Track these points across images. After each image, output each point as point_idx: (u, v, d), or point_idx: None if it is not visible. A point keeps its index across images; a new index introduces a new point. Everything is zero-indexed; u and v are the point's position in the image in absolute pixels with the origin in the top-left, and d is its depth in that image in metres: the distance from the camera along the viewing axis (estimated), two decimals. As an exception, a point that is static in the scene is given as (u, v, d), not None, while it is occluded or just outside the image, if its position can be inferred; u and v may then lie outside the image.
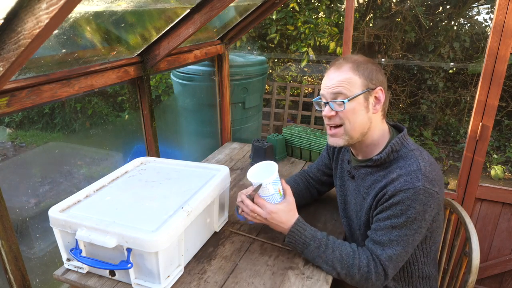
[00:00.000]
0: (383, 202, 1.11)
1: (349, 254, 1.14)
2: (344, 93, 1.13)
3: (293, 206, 1.23)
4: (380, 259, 1.10)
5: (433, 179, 1.08)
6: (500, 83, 1.80)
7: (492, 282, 2.20)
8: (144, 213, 1.14)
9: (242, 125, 2.90)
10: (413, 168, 1.08)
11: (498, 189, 2.00)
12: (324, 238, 1.18)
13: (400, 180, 1.08)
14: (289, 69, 5.25)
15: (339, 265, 1.13)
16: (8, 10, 0.80)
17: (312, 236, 1.18)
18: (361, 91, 1.13)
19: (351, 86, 1.13)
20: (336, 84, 1.14)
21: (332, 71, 1.17)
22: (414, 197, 1.05)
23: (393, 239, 1.09)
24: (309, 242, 1.17)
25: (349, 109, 1.13)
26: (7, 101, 1.15)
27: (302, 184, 1.56)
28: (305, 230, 1.19)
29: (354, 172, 1.27)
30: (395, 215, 1.08)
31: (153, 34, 1.66)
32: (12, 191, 1.44)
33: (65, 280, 1.16)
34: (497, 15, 1.73)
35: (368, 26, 4.70)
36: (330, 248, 1.16)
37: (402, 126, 1.23)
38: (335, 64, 1.18)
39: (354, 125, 1.15)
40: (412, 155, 1.12)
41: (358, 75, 1.13)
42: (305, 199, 1.56)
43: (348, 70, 1.14)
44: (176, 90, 2.92)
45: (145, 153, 1.89)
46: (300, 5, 4.17)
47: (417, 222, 1.07)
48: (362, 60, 1.17)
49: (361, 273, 1.11)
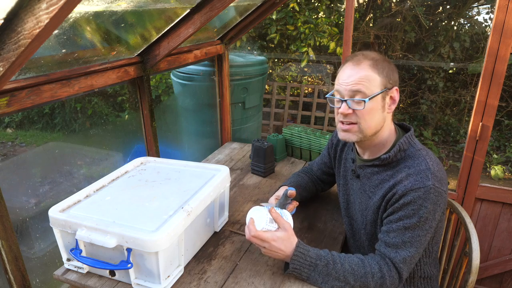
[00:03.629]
0: (393, 202, 1.09)
1: (358, 264, 1.09)
2: (364, 92, 1.08)
3: (291, 231, 1.13)
4: (394, 262, 1.08)
5: (441, 178, 1.07)
6: (500, 83, 1.80)
7: (492, 282, 2.20)
8: (144, 213, 1.14)
9: (242, 125, 2.90)
10: (422, 168, 1.07)
11: (498, 189, 2.00)
12: (329, 255, 1.11)
13: (409, 179, 1.07)
14: (289, 69, 5.25)
15: (352, 277, 1.07)
16: (8, 10, 0.80)
17: (317, 255, 1.11)
18: (380, 91, 1.09)
19: (371, 84, 1.08)
20: (356, 81, 1.09)
21: (350, 66, 1.11)
22: (425, 196, 1.04)
23: (407, 241, 1.07)
24: (316, 263, 1.09)
25: (368, 108, 1.09)
26: (7, 101, 1.14)
27: (306, 177, 1.54)
28: (308, 251, 1.11)
29: (360, 171, 1.25)
30: (407, 216, 1.06)
31: (153, 34, 1.66)
32: (12, 191, 1.43)
33: (65, 280, 1.16)
34: (497, 15, 1.73)
35: (368, 26, 4.70)
36: (338, 263, 1.09)
37: (409, 126, 1.21)
38: (353, 60, 1.12)
39: (370, 124, 1.12)
40: (420, 154, 1.11)
41: (378, 73, 1.09)
42: (311, 192, 1.54)
43: (368, 67, 1.09)
44: (176, 90, 2.92)
45: (145, 153, 1.89)
46: (300, 5, 4.17)
47: (428, 222, 1.06)
48: (380, 57, 1.12)
49: (375, 280, 1.07)
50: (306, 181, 1.52)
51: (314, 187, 1.55)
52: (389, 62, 1.14)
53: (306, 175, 1.56)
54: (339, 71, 1.16)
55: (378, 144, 1.18)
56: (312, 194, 1.55)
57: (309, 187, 1.52)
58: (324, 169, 1.55)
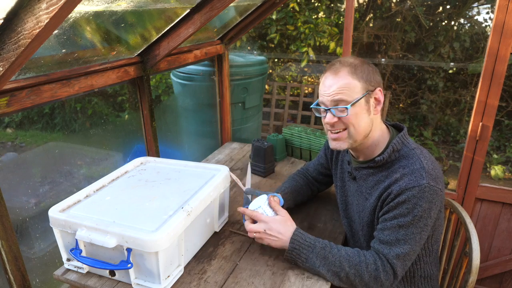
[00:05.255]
0: (389, 201, 1.11)
1: (354, 252, 1.13)
2: (345, 100, 1.11)
3: (289, 217, 1.23)
4: (387, 257, 1.09)
5: (436, 177, 1.08)
6: (500, 83, 1.80)
7: (492, 282, 2.20)
8: (144, 213, 1.14)
9: (242, 125, 2.90)
10: (417, 167, 1.08)
11: (498, 189, 2.00)
12: (326, 241, 1.18)
13: (404, 179, 1.08)
14: (289, 69, 5.24)
15: (347, 263, 1.11)
16: (8, 10, 0.80)
17: (315, 238, 1.18)
18: (362, 95, 1.11)
19: (351, 91, 1.11)
20: (336, 91, 1.11)
21: (330, 77, 1.14)
22: (420, 194, 1.05)
23: (400, 238, 1.08)
24: (314, 244, 1.16)
25: (352, 114, 1.11)
26: (7, 101, 1.14)
27: (301, 181, 1.55)
28: (307, 235, 1.19)
29: (356, 173, 1.26)
30: (401, 214, 1.08)
31: (153, 34, 1.66)
32: (12, 191, 1.43)
33: (65, 280, 1.16)
34: (497, 15, 1.73)
35: (368, 26, 4.70)
36: (335, 248, 1.15)
37: (402, 125, 1.22)
38: (331, 69, 1.15)
39: (358, 129, 1.14)
40: (414, 153, 1.12)
41: (357, 78, 1.11)
42: (306, 195, 1.55)
43: (346, 75, 1.11)
44: (176, 90, 2.92)
45: (145, 153, 1.89)
46: (300, 5, 4.17)
47: (423, 220, 1.07)
48: (358, 62, 1.14)
49: (369, 271, 1.09)
50: (301, 185, 1.54)
51: (309, 189, 1.57)
52: (369, 64, 1.16)
53: (301, 178, 1.57)
54: (320, 82, 1.18)
55: (370, 146, 1.19)
56: (307, 197, 1.57)
57: (304, 191, 1.54)
58: (320, 169, 1.55)
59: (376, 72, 1.16)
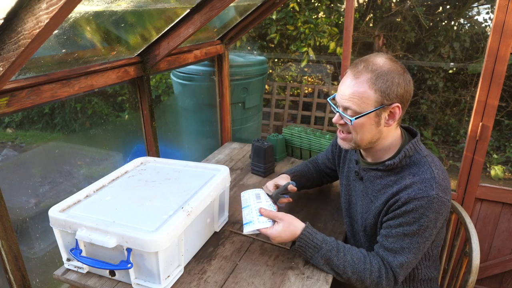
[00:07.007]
0: (395, 208, 1.09)
1: (360, 258, 1.12)
2: (353, 109, 1.07)
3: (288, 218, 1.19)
4: (391, 266, 1.09)
5: (446, 187, 1.07)
6: (500, 83, 1.80)
7: (492, 282, 2.20)
8: (144, 213, 1.14)
9: (242, 125, 2.90)
10: (427, 176, 1.06)
11: (498, 189, 2.00)
12: (334, 242, 1.16)
13: (414, 187, 1.06)
14: (289, 69, 5.24)
15: (350, 269, 1.11)
16: (8, 10, 0.80)
17: (323, 239, 1.16)
18: (373, 109, 1.05)
19: (363, 101, 1.05)
20: (348, 97, 1.07)
21: (350, 77, 1.08)
22: (428, 205, 1.03)
23: (405, 247, 1.08)
24: (321, 245, 1.15)
25: (357, 124, 1.09)
26: (7, 101, 1.15)
27: (312, 168, 1.60)
28: (316, 233, 1.17)
29: (363, 174, 1.24)
30: (407, 223, 1.06)
31: (153, 34, 1.65)
32: (12, 191, 1.43)
33: (65, 280, 1.16)
34: (497, 15, 1.72)
35: (368, 26, 4.70)
36: (341, 251, 1.14)
37: (415, 131, 1.19)
38: (354, 70, 1.07)
39: (362, 137, 1.12)
40: (425, 161, 1.10)
41: (374, 89, 1.03)
42: (316, 182, 1.60)
43: (364, 82, 1.04)
44: (176, 90, 2.92)
45: (145, 153, 1.89)
46: (300, 5, 4.17)
47: (429, 230, 1.07)
48: (386, 69, 1.04)
49: (372, 278, 1.09)
50: (312, 172, 1.58)
51: (319, 178, 1.60)
52: (400, 73, 1.05)
53: (312, 165, 1.61)
54: (343, 75, 1.16)
55: (380, 150, 1.17)
56: (315, 184, 1.61)
57: (313, 178, 1.58)
58: (327, 164, 1.58)
59: (402, 85, 1.05)
